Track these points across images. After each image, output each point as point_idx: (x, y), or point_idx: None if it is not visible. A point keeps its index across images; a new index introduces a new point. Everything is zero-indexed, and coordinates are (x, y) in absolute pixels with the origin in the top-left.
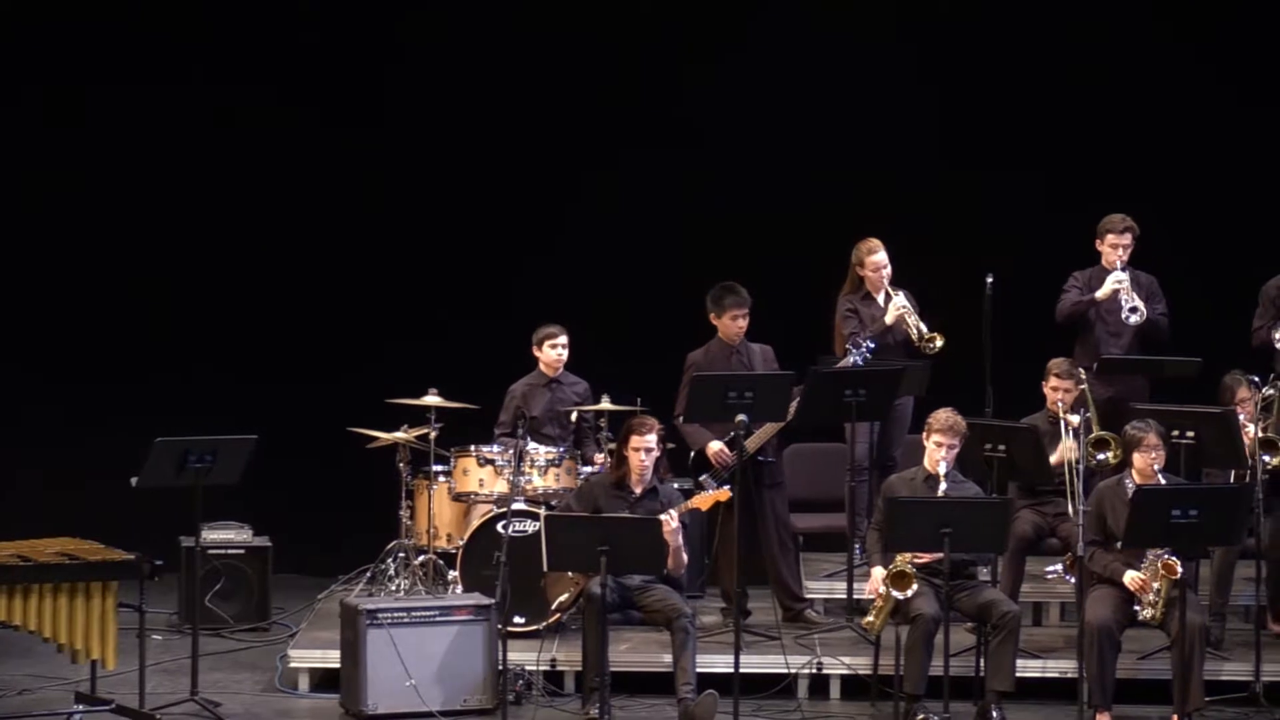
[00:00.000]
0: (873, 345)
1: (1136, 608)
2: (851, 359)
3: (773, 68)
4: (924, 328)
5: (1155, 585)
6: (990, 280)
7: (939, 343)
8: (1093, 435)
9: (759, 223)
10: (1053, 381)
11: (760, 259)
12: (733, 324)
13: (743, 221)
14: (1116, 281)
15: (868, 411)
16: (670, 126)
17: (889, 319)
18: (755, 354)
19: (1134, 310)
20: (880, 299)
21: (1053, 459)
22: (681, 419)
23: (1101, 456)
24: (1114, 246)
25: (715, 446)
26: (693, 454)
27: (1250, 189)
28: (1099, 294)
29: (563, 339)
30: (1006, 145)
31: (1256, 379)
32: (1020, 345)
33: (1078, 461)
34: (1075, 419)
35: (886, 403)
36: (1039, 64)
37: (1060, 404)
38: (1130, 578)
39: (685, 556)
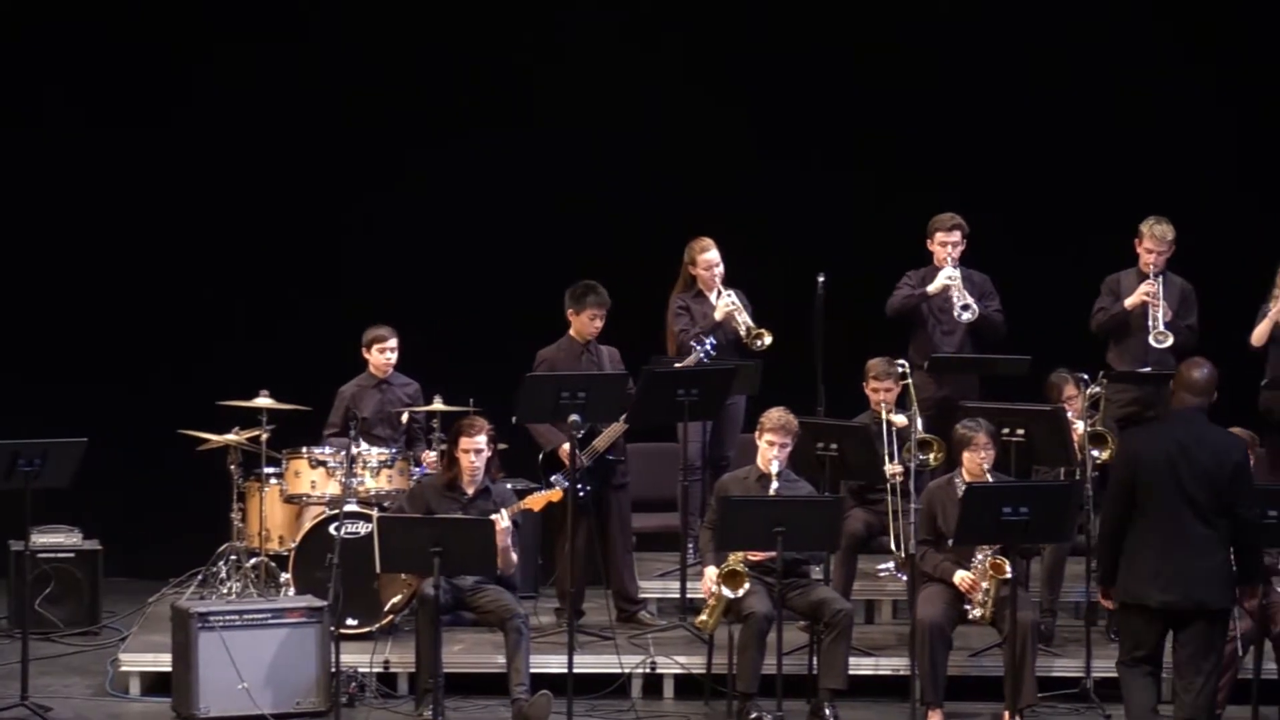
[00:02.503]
0: (714, 341)
1: (967, 606)
2: (695, 357)
3: (600, 67)
4: (752, 324)
5: (984, 585)
6: (822, 279)
7: (767, 339)
8: (916, 437)
9: (592, 223)
10: (872, 383)
11: (594, 259)
12: (590, 323)
13: (576, 221)
14: (947, 278)
15: (700, 411)
16: (502, 123)
17: (718, 315)
18: (604, 355)
19: (966, 308)
20: (713, 297)
21: (887, 471)
22: (514, 419)
23: (923, 458)
24: (943, 244)
25: (568, 447)
26: (542, 454)
27: (1079, 186)
28: (930, 288)
29: (392, 342)
30: (837, 144)
31: (1085, 376)
32: (852, 344)
33: (910, 467)
34: (901, 419)
35: (719, 402)
36: (871, 62)
37: (883, 404)
38: (960, 577)
39: (515, 556)
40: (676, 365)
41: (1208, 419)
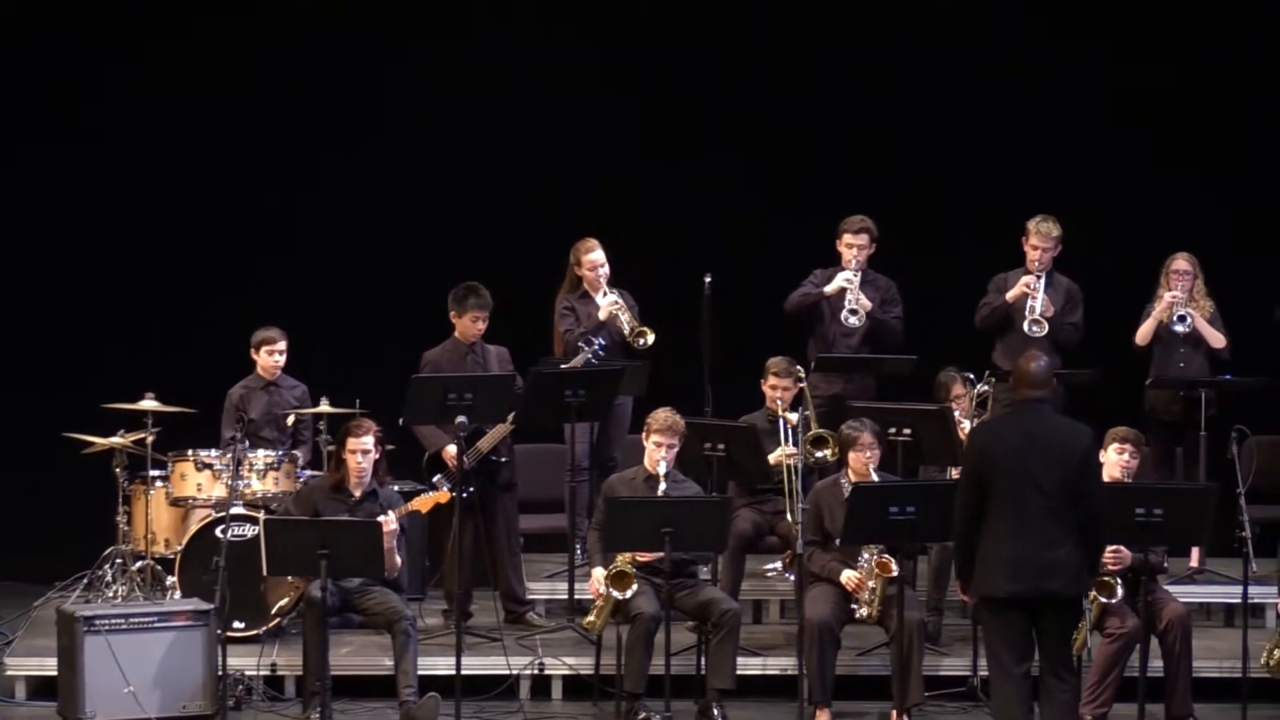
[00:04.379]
0: (603, 343)
1: (854, 606)
2: (583, 357)
3: (486, 67)
4: (635, 322)
5: (871, 584)
6: (709, 280)
7: (650, 338)
8: (810, 433)
9: (478, 223)
10: (771, 380)
11: (481, 259)
12: (472, 325)
13: (462, 222)
14: (845, 280)
15: (588, 411)
16: (387, 125)
17: (602, 315)
18: (490, 355)
19: (854, 312)
20: (599, 298)
21: (771, 458)
22: (401, 420)
23: (820, 454)
24: (849, 246)
25: (453, 449)
26: (426, 455)
27: (967, 186)
28: (828, 289)
29: (281, 344)
30: (724, 144)
31: (971, 375)
32: (739, 345)
33: (797, 462)
34: (794, 417)
35: (606, 402)
36: (757, 60)
37: (779, 402)
38: (847, 577)
39: (399, 559)
40: (563, 366)
41: (1053, 410)
